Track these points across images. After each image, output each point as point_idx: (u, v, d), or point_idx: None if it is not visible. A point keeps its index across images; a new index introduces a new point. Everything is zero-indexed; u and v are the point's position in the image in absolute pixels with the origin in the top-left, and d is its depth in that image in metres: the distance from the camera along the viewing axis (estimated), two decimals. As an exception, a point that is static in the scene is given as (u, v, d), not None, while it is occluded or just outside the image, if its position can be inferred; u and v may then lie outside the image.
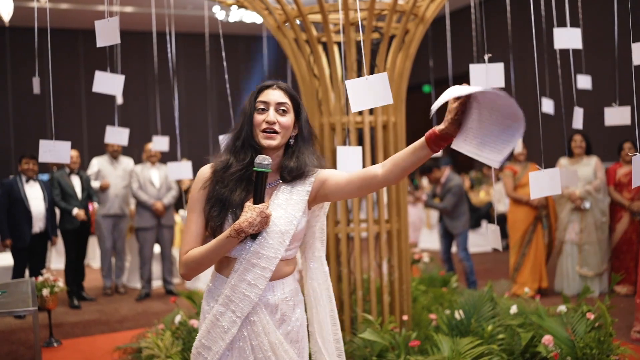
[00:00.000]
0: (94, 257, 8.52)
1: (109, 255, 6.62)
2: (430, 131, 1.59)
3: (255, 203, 1.71)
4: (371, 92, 2.20)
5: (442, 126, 1.57)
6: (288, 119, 1.80)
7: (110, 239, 6.57)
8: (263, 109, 1.78)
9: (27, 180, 5.68)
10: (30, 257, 5.71)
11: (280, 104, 1.79)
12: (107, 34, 2.94)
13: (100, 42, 2.93)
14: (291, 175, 1.80)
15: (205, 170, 1.83)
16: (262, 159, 1.71)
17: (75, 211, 6.00)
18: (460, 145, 1.56)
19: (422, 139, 1.60)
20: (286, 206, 1.78)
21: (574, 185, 5.45)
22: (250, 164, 1.76)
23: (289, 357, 1.79)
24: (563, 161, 5.90)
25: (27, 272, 5.94)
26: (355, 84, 2.21)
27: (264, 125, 1.77)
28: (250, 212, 1.69)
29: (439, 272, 5.45)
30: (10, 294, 3.53)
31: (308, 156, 1.84)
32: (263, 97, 1.80)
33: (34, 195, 5.67)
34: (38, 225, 5.67)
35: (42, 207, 5.69)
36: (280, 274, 1.82)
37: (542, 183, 2.77)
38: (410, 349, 3.39)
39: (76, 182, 6.14)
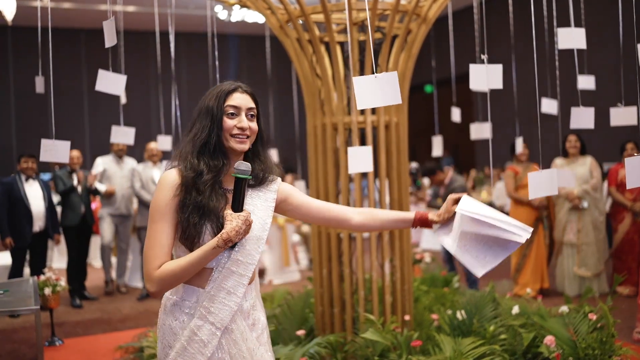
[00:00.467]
0: (95, 256, 8.53)
1: (107, 250, 6.64)
2: (422, 215, 1.81)
3: (235, 210, 1.67)
4: (379, 91, 2.19)
5: (435, 217, 1.78)
6: (256, 124, 1.80)
7: (109, 235, 6.58)
8: (233, 114, 1.75)
9: (27, 179, 5.68)
10: (31, 256, 5.71)
11: (250, 109, 1.79)
12: (113, 34, 2.96)
13: (108, 43, 2.95)
14: (257, 180, 1.80)
15: (173, 177, 1.71)
16: (243, 165, 1.68)
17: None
18: (445, 240, 1.72)
19: (411, 215, 1.81)
20: (258, 211, 1.78)
21: (570, 185, 5.47)
22: (222, 170, 1.73)
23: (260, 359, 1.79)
24: (558, 161, 5.89)
25: (27, 272, 5.95)
26: (363, 81, 2.20)
27: (236, 131, 1.74)
28: (235, 220, 1.64)
29: (440, 273, 5.45)
30: (12, 293, 3.53)
31: (270, 160, 1.85)
32: (232, 101, 1.76)
33: (34, 195, 5.67)
34: (38, 224, 5.67)
35: (42, 206, 5.69)
36: (251, 280, 1.81)
37: (540, 183, 2.77)
38: (412, 349, 3.39)
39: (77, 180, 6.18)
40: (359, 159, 2.96)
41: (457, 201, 1.77)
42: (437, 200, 6.35)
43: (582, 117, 3.74)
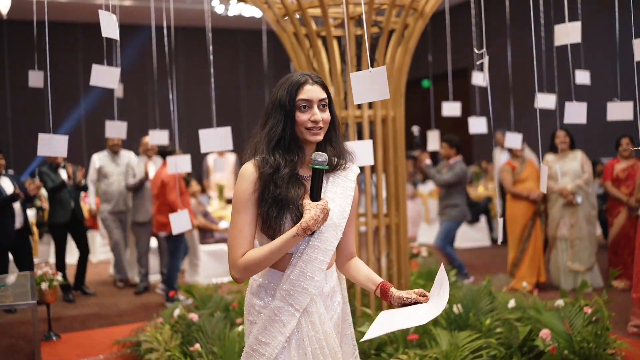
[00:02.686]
0: (93, 252, 8.52)
1: (118, 248, 6.64)
2: (385, 285, 1.83)
3: (313, 199, 1.73)
4: (373, 86, 2.23)
5: (397, 296, 1.78)
6: (328, 113, 1.82)
7: (118, 233, 6.60)
8: (305, 107, 1.77)
9: None
10: (15, 256, 5.58)
11: (321, 100, 1.80)
12: (111, 25, 2.95)
13: (106, 33, 2.94)
14: (332, 166, 1.84)
15: (251, 170, 1.78)
16: (320, 156, 1.73)
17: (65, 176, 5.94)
18: (380, 319, 1.78)
19: (378, 280, 1.86)
20: (338, 199, 1.83)
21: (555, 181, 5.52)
22: (298, 162, 1.78)
23: (336, 345, 1.85)
24: (549, 157, 5.91)
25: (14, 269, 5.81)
26: (359, 76, 2.24)
27: (310, 124, 1.77)
28: (313, 209, 1.70)
29: (437, 266, 5.47)
30: (9, 288, 3.53)
31: (342, 146, 1.88)
32: (303, 94, 1.77)
33: (9, 191, 5.49)
34: (19, 220, 5.52)
35: (18, 201, 5.53)
36: (330, 263, 1.86)
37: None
38: (409, 343, 3.41)
39: (64, 175, 6.03)
40: (359, 153, 2.97)
41: (422, 295, 1.76)
42: (431, 170, 6.18)
43: (576, 112, 3.75)
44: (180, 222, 3.58)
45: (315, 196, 1.73)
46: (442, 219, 6.14)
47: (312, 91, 1.78)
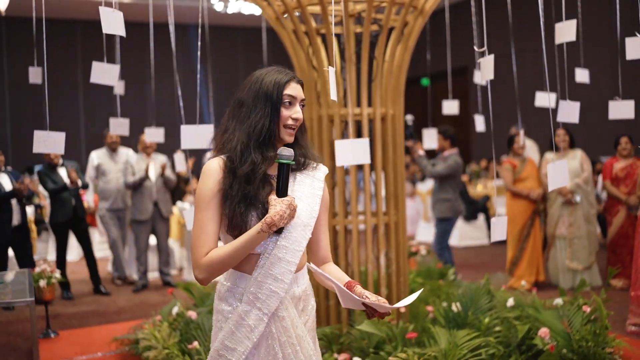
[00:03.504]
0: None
1: (116, 245, 6.64)
2: (351, 290, 1.72)
3: (279, 196, 1.68)
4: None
5: (359, 292, 1.71)
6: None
7: (115, 231, 6.61)
8: (290, 103, 1.74)
9: None
10: (15, 252, 5.57)
11: (302, 99, 1.78)
12: (112, 21, 2.93)
13: (106, 29, 2.93)
14: (298, 164, 1.80)
15: (217, 168, 1.72)
16: (286, 151, 1.68)
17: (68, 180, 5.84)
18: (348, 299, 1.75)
19: (345, 284, 1.74)
20: (306, 198, 1.78)
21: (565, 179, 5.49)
22: (272, 159, 1.73)
23: (310, 348, 1.80)
24: (549, 156, 5.91)
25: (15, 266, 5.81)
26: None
27: (290, 122, 1.74)
28: (279, 205, 1.64)
29: (436, 265, 5.46)
30: (7, 285, 3.52)
31: (310, 146, 1.85)
32: (290, 90, 1.74)
33: (7, 188, 5.43)
34: (16, 217, 5.52)
35: (15, 199, 5.51)
36: (301, 265, 1.81)
37: (560, 174, 2.79)
38: (408, 341, 3.41)
39: (63, 174, 5.98)
40: (348, 151, 2.94)
41: (382, 302, 1.71)
42: (423, 160, 6.00)
43: (569, 111, 3.74)
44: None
45: (282, 192, 1.68)
46: (434, 215, 5.90)
47: (297, 89, 1.76)
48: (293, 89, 1.75)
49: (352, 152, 2.30)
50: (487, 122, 5.09)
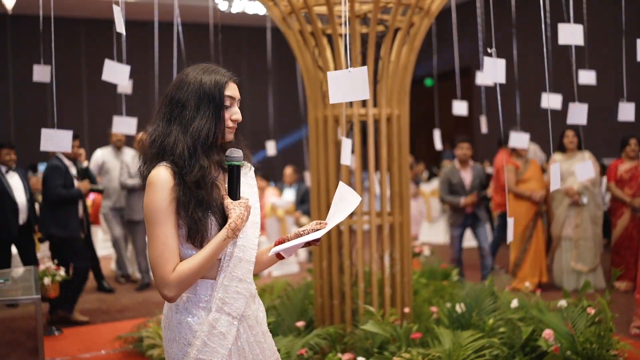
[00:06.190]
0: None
1: (118, 244, 6.65)
2: (282, 241, 1.76)
3: (232, 198, 1.66)
4: (351, 86, 2.17)
5: (294, 233, 1.77)
6: None
7: (118, 230, 6.61)
8: (229, 104, 1.70)
9: (7, 171, 5.48)
10: (19, 251, 5.57)
11: (239, 100, 1.74)
12: (119, 19, 2.96)
13: (119, 28, 2.95)
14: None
15: (166, 178, 1.61)
16: (236, 152, 1.66)
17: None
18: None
19: (275, 242, 1.78)
20: (246, 196, 1.75)
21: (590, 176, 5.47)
22: (218, 163, 1.69)
23: (273, 344, 1.82)
24: (557, 157, 5.90)
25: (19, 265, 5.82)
26: (337, 75, 2.20)
27: (231, 123, 1.70)
28: (237, 208, 1.64)
29: (439, 265, 5.47)
30: (12, 282, 3.53)
31: (243, 145, 1.79)
32: (229, 91, 1.69)
33: (16, 186, 5.37)
34: (22, 216, 5.44)
35: (24, 197, 5.47)
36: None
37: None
38: (411, 342, 3.41)
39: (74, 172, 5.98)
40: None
41: (319, 224, 1.76)
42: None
43: (578, 113, 3.74)
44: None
45: (236, 194, 1.66)
46: (484, 216, 5.96)
47: (234, 89, 1.72)
48: (231, 89, 1.70)
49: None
50: (494, 124, 5.09)
